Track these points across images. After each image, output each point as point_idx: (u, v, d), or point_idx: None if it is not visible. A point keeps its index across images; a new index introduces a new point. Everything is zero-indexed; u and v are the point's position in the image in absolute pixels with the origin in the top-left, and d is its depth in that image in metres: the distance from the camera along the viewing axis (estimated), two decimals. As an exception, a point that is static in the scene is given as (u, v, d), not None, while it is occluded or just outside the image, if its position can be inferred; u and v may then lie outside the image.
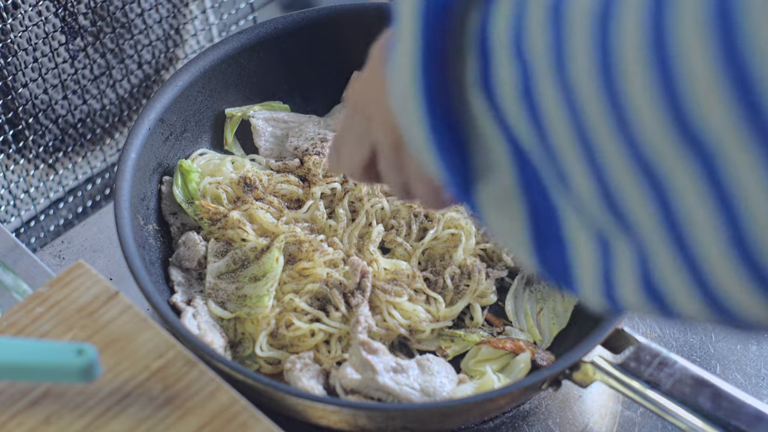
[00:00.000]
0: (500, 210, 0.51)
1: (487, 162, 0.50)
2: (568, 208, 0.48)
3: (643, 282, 0.46)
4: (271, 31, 1.14)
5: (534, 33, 0.46)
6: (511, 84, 0.47)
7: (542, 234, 0.50)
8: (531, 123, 0.47)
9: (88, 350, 0.72)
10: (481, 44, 0.48)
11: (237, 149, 1.15)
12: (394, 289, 1.00)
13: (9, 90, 1.12)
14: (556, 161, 0.47)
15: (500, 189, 0.51)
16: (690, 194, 0.42)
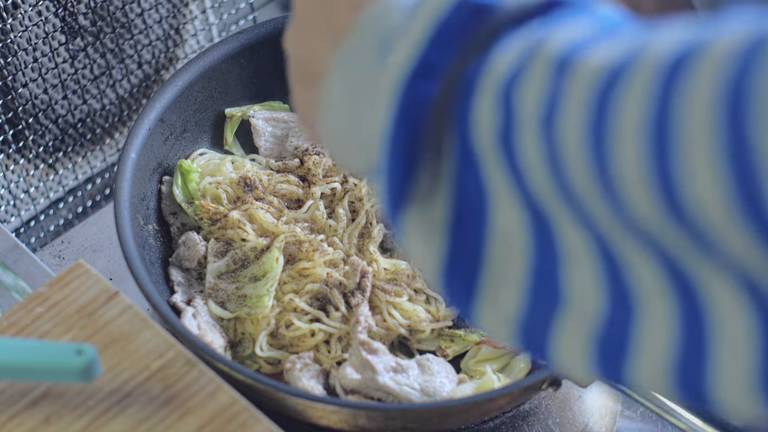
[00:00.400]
0: (421, 236, 0.50)
1: (429, 191, 0.49)
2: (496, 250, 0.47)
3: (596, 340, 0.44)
4: (271, 31, 1.14)
5: (529, 83, 0.44)
6: (490, 127, 0.45)
7: (455, 270, 0.49)
8: (508, 170, 0.45)
9: (87, 350, 0.72)
10: (469, 81, 0.47)
11: (237, 149, 1.15)
12: (394, 289, 1.00)
13: (9, 90, 1.12)
14: (535, 209, 0.45)
15: (429, 219, 0.49)
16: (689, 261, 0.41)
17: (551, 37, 0.45)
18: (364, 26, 0.52)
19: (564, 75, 0.43)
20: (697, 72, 0.39)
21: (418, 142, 0.48)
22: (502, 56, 0.46)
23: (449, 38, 0.48)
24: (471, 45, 0.47)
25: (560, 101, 0.43)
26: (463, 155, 0.47)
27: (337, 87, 0.53)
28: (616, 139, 0.40)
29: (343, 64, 0.53)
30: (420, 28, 0.48)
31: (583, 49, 0.43)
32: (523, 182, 0.45)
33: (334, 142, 0.55)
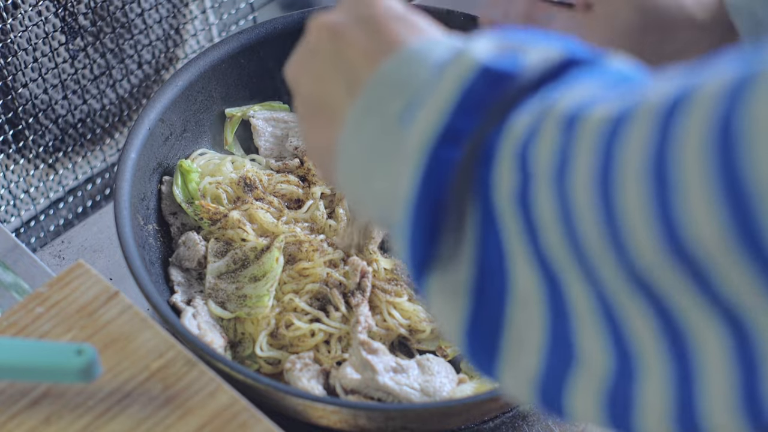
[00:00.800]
0: (444, 299, 0.51)
1: (451, 254, 0.50)
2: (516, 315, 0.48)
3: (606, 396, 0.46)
4: (271, 31, 1.14)
5: (541, 142, 0.46)
6: (509, 188, 0.47)
7: (477, 332, 0.50)
8: (524, 229, 0.46)
9: (87, 350, 0.72)
10: (489, 146, 0.48)
11: (237, 149, 1.15)
12: (394, 289, 1.01)
13: (9, 90, 1.12)
14: (547, 268, 0.46)
15: (452, 282, 0.50)
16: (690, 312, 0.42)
17: (562, 98, 0.47)
18: (385, 80, 0.54)
19: (572, 130, 0.45)
20: (689, 114, 0.41)
21: (441, 207, 0.49)
22: (519, 120, 0.47)
23: (473, 105, 0.49)
24: (493, 111, 0.49)
25: (570, 155, 0.44)
26: (485, 217, 0.48)
27: (356, 139, 0.54)
28: (621, 185, 0.42)
29: (361, 116, 0.54)
30: (445, 94, 0.50)
31: (589, 105, 0.45)
32: (537, 241, 0.46)
33: (352, 190, 0.56)
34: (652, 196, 0.41)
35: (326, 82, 0.58)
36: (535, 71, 0.49)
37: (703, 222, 0.40)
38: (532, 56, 0.50)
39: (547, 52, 0.50)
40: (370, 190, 0.55)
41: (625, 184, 0.42)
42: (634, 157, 0.42)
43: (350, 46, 0.57)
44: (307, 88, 0.60)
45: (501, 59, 0.50)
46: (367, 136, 0.54)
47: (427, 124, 0.49)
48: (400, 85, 0.53)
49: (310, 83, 0.60)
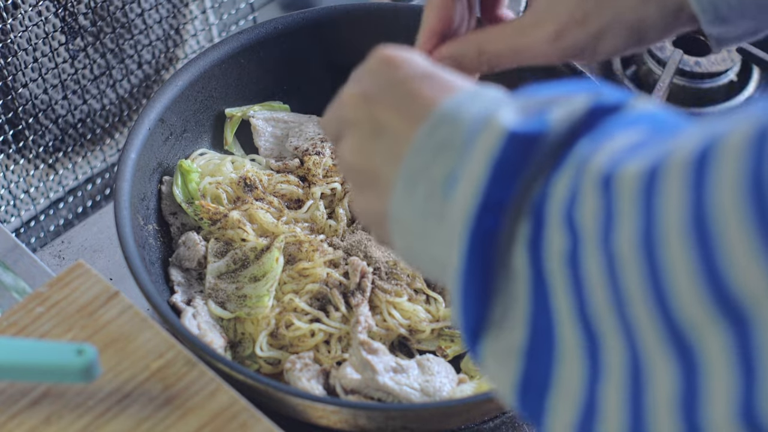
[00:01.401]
0: (498, 362, 0.53)
1: (503, 318, 0.52)
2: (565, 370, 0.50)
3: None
4: (271, 31, 1.14)
5: (585, 204, 0.47)
6: (559, 250, 0.48)
7: (529, 391, 0.52)
8: (572, 288, 0.48)
9: (88, 350, 0.72)
10: (537, 209, 0.50)
11: (237, 149, 1.15)
12: (394, 289, 1.01)
13: (9, 90, 1.12)
14: (589, 326, 0.48)
15: (505, 345, 0.52)
16: (717, 366, 0.44)
17: (596, 155, 0.48)
18: (423, 145, 0.56)
19: (609, 189, 0.46)
20: (718, 163, 0.42)
21: (489, 273, 0.51)
22: (559, 181, 0.49)
23: (507, 173, 0.51)
24: (529, 174, 0.50)
25: (612, 215, 0.46)
26: (536, 280, 0.50)
27: (405, 206, 0.56)
28: (663, 242, 0.44)
29: (407, 184, 0.56)
30: (478, 165, 0.51)
31: (622, 160, 0.47)
32: (583, 299, 0.47)
33: (409, 255, 0.59)
34: (694, 247, 0.43)
35: (367, 152, 0.60)
36: (563, 127, 0.50)
37: (745, 267, 0.41)
38: (557, 112, 0.51)
39: (572, 105, 0.51)
40: (426, 255, 0.57)
41: (667, 239, 0.43)
42: (672, 213, 0.43)
43: (385, 113, 0.59)
44: (350, 160, 0.62)
45: (527, 121, 0.51)
46: (416, 201, 0.56)
47: (466, 197, 0.51)
48: (439, 149, 0.55)
49: (351, 155, 0.61)
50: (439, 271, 0.56)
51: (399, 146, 0.57)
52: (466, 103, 0.55)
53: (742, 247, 0.41)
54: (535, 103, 0.53)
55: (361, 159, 0.60)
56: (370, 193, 0.60)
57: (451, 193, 0.53)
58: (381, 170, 0.59)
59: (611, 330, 0.47)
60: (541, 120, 0.51)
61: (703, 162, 0.43)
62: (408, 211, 0.56)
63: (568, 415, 0.50)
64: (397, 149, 0.57)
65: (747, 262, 0.41)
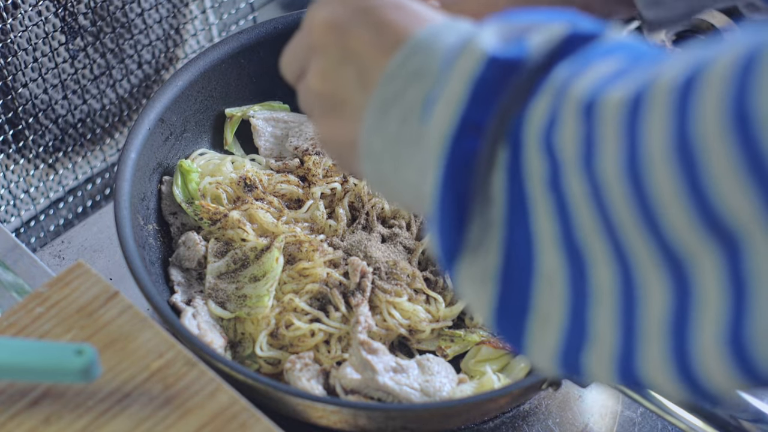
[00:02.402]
0: (474, 285, 0.53)
1: (479, 242, 0.52)
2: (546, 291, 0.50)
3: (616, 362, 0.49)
4: (271, 31, 1.14)
5: (565, 129, 0.47)
6: (539, 175, 0.48)
7: (506, 313, 0.52)
8: (555, 213, 0.48)
9: (87, 350, 0.72)
10: (515, 134, 0.50)
11: (237, 149, 1.15)
12: (394, 289, 1.00)
13: (9, 90, 1.12)
14: (575, 249, 0.48)
15: (481, 269, 0.52)
16: (709, 289, 0.44)
17: (576, 82, 0.48)
18: (398, 72, 0.55)
19: (592, 116, 0.47)
20: (703, 93, 0.43)
21: (466, 197, 0.51)
22: (537, 106, 0.49)
23: (486, 96, 0.51)
24: (507, 98, 0.50)
25: (594, 140, 0.46)
26: (513, 204, 0.50)
27: (378, 132, 0.56)
28: (648, 167, 0.44)
29: (381, 109, 0.56)
30: (457, 88, 0.51)
31: (603, 88, 0.47)
32: (568, 223, 0.48)
33: (380, 182, 0.58)
34: (680, 173, 0.43)
35: (336, 78, 0.59)
36: (540, 53, 0.50)
37: (731, 192, 0.42)
38: (535, 38, 0.51)
39: (549, 32, 0.51)
40: (399, 181, 0.56)
41: (653, 165, 0.44)
42: (657, 139, 0.44)
43: (356, 40, 0.58)
44: (316, 86, 0.61)
45: (506, 46, 0.51)
46: (389, 127, 0.55)
47: (444, 119, 0.51)
48: (413, 76, 0.54)
49: (318, 81, 0.60)
50: (412, 196, 0.56)
51: (370, 74, 0.57)
52: (441, 32, 0.55)
53: (726, 174, 0.42)
54: (512, 30, 0.53)
55: (329, 85, 0.60)
56: (337, 121, 0.60)
57: (427, 116, 0.53)
58: (350, 97, 0.58)
59: (600, 252, 0.47)
60: (520, 46, 0.51)
61: (688, 89, 0.43)
62: (380, 137, 0.56)
63: (551, 339, 0.50)
64: (369, 77, 0.57)
65: (732, 189, 0.42)
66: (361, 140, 0.57)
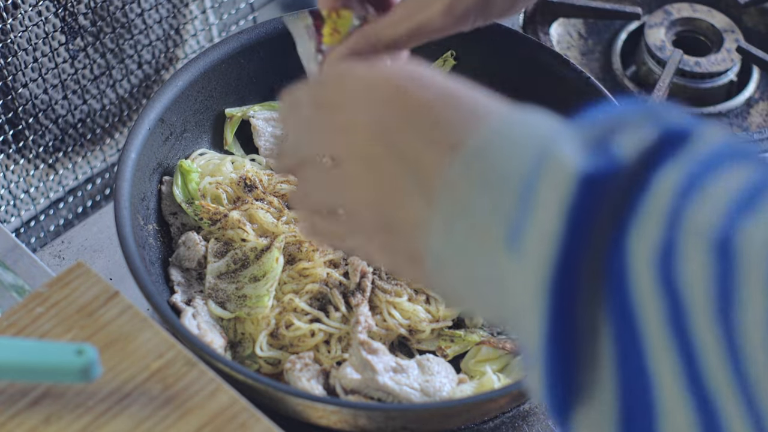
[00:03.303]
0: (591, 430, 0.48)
1: (590, 386, 0.47)
2: None
3: None
4: (271, 31, 1.14)
5: (690, 266, 0.42)
6: (657, 313, 0.43)
7: None
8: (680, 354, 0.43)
9: (88, 350, 0.72)
10: (616, 263, 0.44)
11: (237, 149, 1.14)
12: (394, 289, 1.00)
13: (9, 90, 1.12)
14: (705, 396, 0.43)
15: (597, 416, 0.47)
16: None
17: (693, 207, 0.43)
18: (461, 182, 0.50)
19: (729, 256, 0.41)
20: None
21: (573, 340, 0.46)
22: (641, 231, 0.44)
23: (581, 223, 0.45)
24: (601, 219, 0.45)
25: (734, 287, 0.41)
26: (624, 342, 0.45)
27: (447, 244, 0.51)
28: None
29: (445, 223, 0.51)
30: (548, 218, 0.46)
31: (739, 220, 0.42)
32: (694, 366, 0.43)
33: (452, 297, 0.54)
34: None
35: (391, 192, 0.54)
36: (633, 161, 0.45)
37: None
38: (624, 143, 0.46)
39: (638, 134, 0.46)
40: (475, 296, 0.52)
41: None
42: None
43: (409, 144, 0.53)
44: (371, 200, 0.55)
45: (593, 158, 0.46)
46: (457, 241, 0.50)
47: (540, 256, 0.46)
48: (480, 185, 0.49)
49: (372, 195, 0.55)
50: (491, 313, 0.52)
51: (429, 180, 0.52)
52: (504, 130, 0.50)
53: None
54: (594, 133, 0.47)
55: (386, 198, 0.54)
56: (392, 237, 0.55)
57: (514, 246, 0.47)
58: (411, 208, 0.53)
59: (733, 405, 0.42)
60: (608, 155, 0.46)
61: None
62: (449, 253, 0.51)
63: None
64: (429, 185, 0.52)
65: None
66: (427, 255, 0.52)
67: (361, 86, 0.57)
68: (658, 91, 1.22)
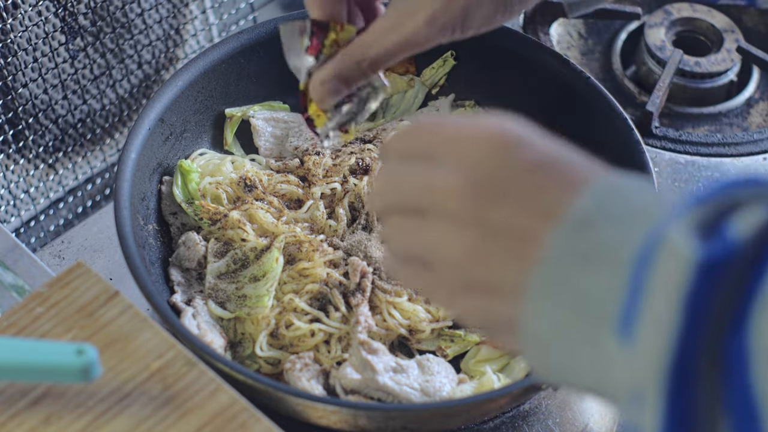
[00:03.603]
0: None
1: None
2: None
3: None
4: (271, 31, 1.14)
5: None
6: None
7: None
8: None
9: (88, 350, 0.72)
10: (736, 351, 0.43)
11: (237, 149, 1.14)
12: (394, 289, 1.00)
13: (9, 90, 1.12)
14: None
15: None
16: None
17: None
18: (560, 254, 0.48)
19: None
20: None
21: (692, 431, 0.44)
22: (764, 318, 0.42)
23: (698, 312, 0.43)
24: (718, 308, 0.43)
25: None
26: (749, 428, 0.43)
27: (541, 321, 0.49)
28: None
29: (542, 295, 0.49)
30: (664, 306, 0.44)
31: None
32: None
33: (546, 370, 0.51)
34: None
35: (484, 255, 0.52)
36: (749, 245, 0.43)
37: None
38: (739, 226, 0.44)
39: (753, 215, 0.44)
40: (571, 373, 0.50)
41: None
42: None
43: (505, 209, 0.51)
44: (457, 260, 0.54)
45: (710, 244, 0.44)
46: (555, 315, 0.49)
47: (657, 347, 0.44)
48: (581, 259, 0.48)
49: (459, 255, 0.53)
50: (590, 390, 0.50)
51: (526, 250, 0.50)
52: (606, 203, 0.48)
53: None
54: (704, 214, 0.45)
55: (473, 260, 0.53)
56: (485, 299, 0.53)
57: (624, 331, 0.46)
58: (501, 275, 0.52)
59: None
60: (724, 240, 0.44)
61: None
62: (546, 326, 0.49)
63: None
64: (525, 253, 0.50)
65: None
66: (522, 325, 0.51)
67: (459, 140, 0.55)
68: (658, 91, 1.22)
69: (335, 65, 0.83)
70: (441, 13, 0.79)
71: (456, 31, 0.80)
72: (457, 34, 0.81)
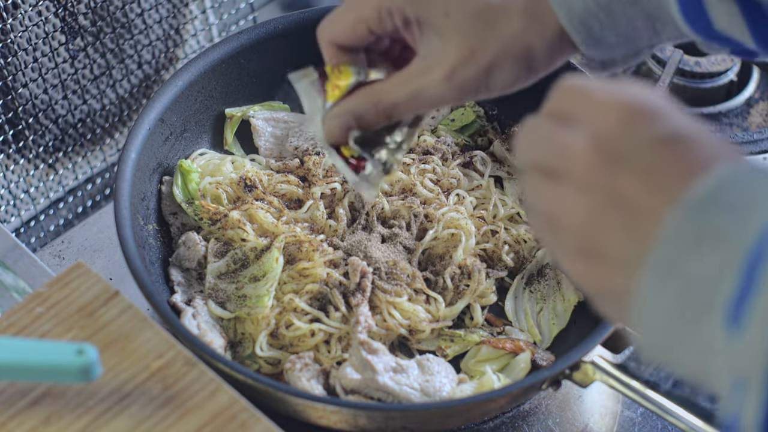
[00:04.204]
0: None
1: None
2: None
3: None
4: (271, 31, 1.14)
5: None
6: None
7: None
8: None
9: (88, 350, 0.72)
10: None
11: (237, 149, 1.15)
12: (394, 289, 1.00)
13: (9, 90, 1.12)
14: None
15: None
16: None
17: None
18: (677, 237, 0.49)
19: None
20: None
21: None
22: None
23: None
24: None
25: None
26: None
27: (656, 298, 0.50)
28: None
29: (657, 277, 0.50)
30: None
31: None
32: None
33: (654, 350, 0.52)
34: None
35: (600, 223, 0.53)
36: None
37: None
38: None
39: None
40: (680, 356, 0.51)
41: None
42: None
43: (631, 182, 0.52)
44: (575, 224, 0.55)
45: None
46: (668, 298, 0.50)
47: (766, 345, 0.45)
48: (695, 244, 0.48)
49: (577, 220, 0.54)
50: (696, 374, 0.51)
51: (644, 225, 0.51)
52: (728, 187, 0.49)
53: None
54: None
55: (590, 228, 0.54)
56: (597, 267, 0.54)
57: (737, 319, 0.46)
58: (616, 246, 0.53)
59: None
60: None
61: None
62: (660, 309, 0.50)
63: None
64: (642, 228, 0.51)
65: None
66: (635, 305, 0.51)
67: (599, 104, 0.56)
68: (658, 91, 1.22)
69: (350, 101, 0.83)
70: (460, 72, 0.77)
71: (480, 90, 0.78)
72: (481, 93, 0.79)
